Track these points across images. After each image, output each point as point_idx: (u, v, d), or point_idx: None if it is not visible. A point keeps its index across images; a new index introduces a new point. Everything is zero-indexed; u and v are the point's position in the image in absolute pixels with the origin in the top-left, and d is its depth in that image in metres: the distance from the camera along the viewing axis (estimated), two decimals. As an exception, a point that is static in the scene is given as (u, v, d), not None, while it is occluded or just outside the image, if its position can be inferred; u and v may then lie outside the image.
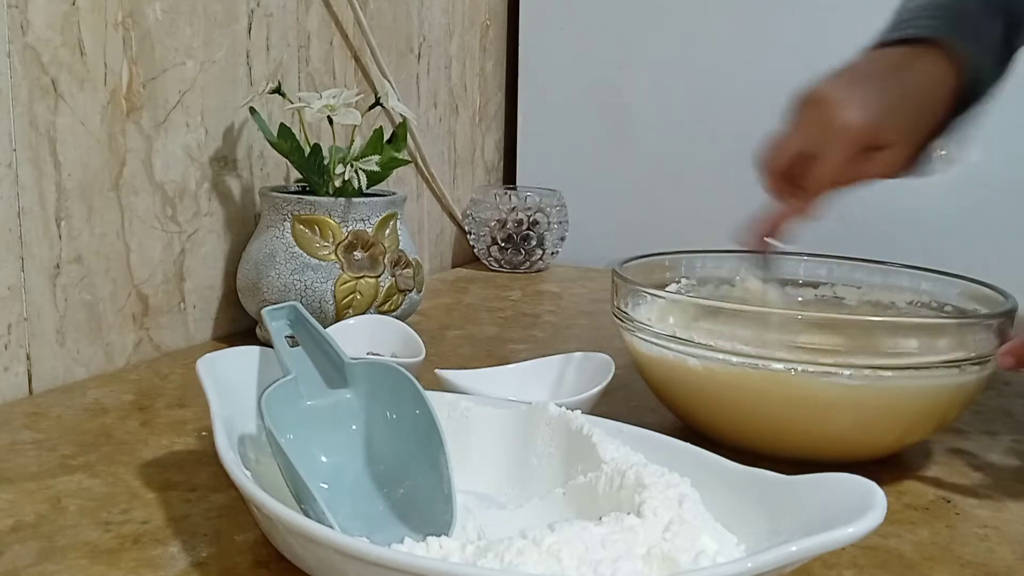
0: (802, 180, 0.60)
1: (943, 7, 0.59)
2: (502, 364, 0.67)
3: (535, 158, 1.35)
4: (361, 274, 0.76)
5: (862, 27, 0.69)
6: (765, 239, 0.62)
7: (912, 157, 0.59)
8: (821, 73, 0.60)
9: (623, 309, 0.62)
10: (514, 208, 1.21)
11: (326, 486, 0.47)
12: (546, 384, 0.65)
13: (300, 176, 0.81)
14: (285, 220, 0.76)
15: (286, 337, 0.53)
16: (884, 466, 0.57)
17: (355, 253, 0.76)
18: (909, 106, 0.57)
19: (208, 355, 0.52)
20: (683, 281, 0.73)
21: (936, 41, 0.57)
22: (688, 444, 0.47)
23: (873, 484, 0.37)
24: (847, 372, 0.53)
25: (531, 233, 1.21)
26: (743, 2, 1.18)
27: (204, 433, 0.60)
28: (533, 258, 1.23)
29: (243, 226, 0.86)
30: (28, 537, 0.45)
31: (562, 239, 1.24)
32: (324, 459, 0.48)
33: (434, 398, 0.49)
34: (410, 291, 0.80)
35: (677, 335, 0.57)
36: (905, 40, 0.58)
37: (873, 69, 0.58)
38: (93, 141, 0.70)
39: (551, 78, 1.31)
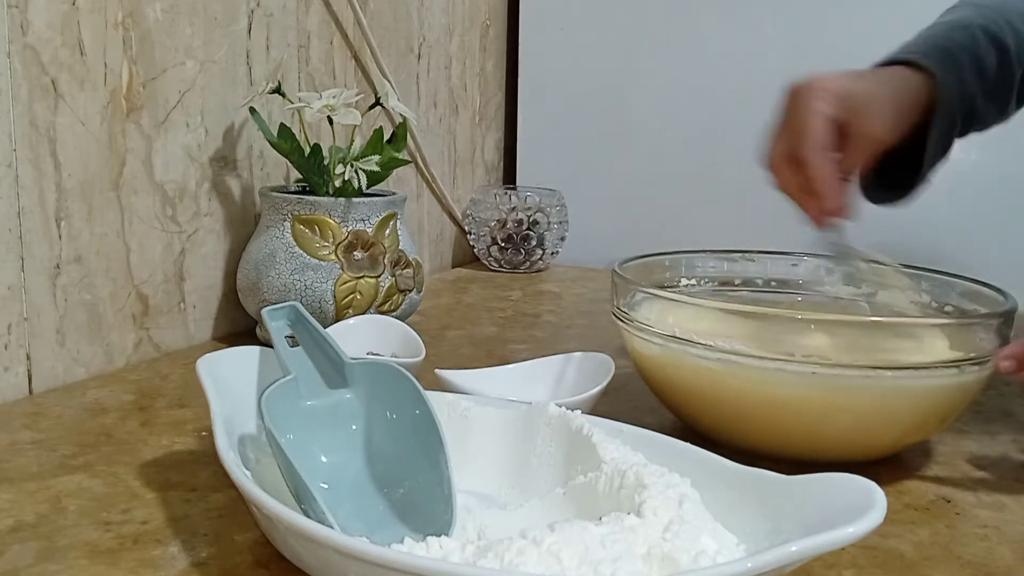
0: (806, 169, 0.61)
1: (935, 47, 0.63)
2: (502, 364, 0.67)
3: (535, 158, 1.35)
4: (361, 274, 0.76)
5: (861, 28, 0.69)
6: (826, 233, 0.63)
7: (894, 136, 0.61)
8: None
9: (623, 309, 0.62)
10: (514, 208, 1.21)
11: (326, 486, 0.47)
12: (546, 384, 0.65)
13: (300, 176, 0.81)
14: (285, 220, 0.76)
15: (286, 337, 0.53)
16: (884, 466, 0.57)
17: (355, 253, 0.76)
18: (883, 91, 0.60)
19: (208, 355, 0.52)
20: (683, 281, 0.73)
21: (914, 62, 0.62)
22: (688, 444, 0.47)
23: (873, 484, 0.37)
24: (847, 372, 0.52)
25: (531, 233, 1.21)
26: (743, 3, 1.18)
27: (204, 433, 0.60)
28: (533, 258, 1.23)
29: (243, 226, 0.86)
30: (28, 537, 0.45)
31: (562, 239, 1.24)
32: (324, 459, 0.48)
33: (434, 398, 0.49)
34: (410, 291, 0.80)
35: (677, 335, 0.57)
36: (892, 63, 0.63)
37: (857, 71, 0.62)
38: (93, 141, 0.70)
39: (551, 78, 1.31)
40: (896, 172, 0.64)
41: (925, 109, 0.62)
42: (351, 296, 0.76)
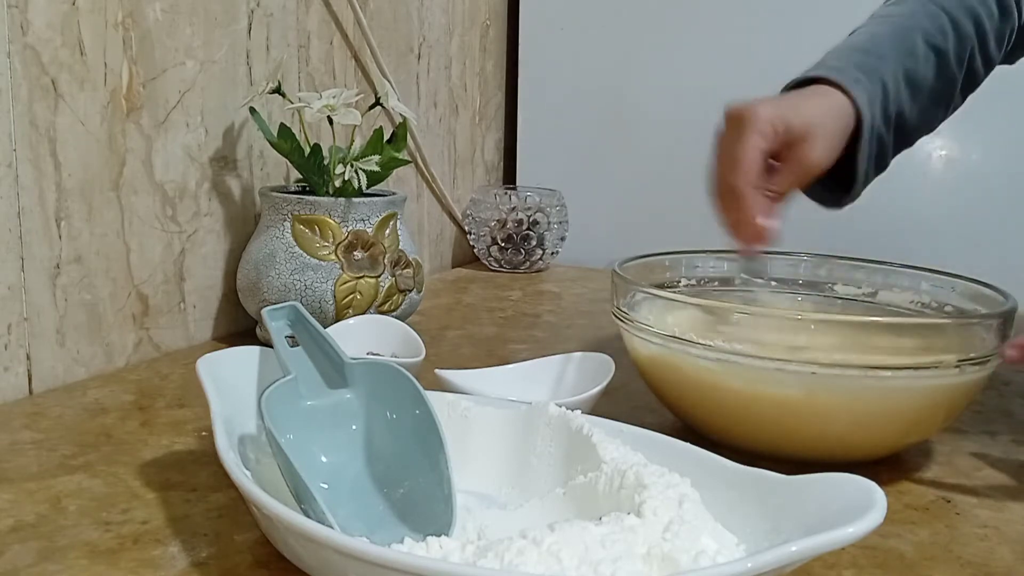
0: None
1: (863, 67, 0.63)
2: (502, 364, 0.67)
3: (535, 158, 1.35)
4: (361, 274, 0.76)
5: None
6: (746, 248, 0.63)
7: (825, 158, 0.61)
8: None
9: (623, 309, 0.62)
10: (514, 208, 1.21)
11: (326, 486, 0.47)
12: (546, 384, 0.65)
13: (300, 176, 0.81)
14: (285, 220, 0.76)
15: (286, 337, 0.53)
16: (884, 466, 0.57)
17: (355, 253, 0.76)
18: (821, 119, 0.60)
19: (208, 355, 0.52)
20: (683, 281, 0.73)
21: (836, 82, 0.61)
22: (688, 444, 0.47)
23: (873, 484, 0.37)
24: (847, 372, 0.52)
25: (531, 233, 1.21)
26: (743, 3, 1.18)
27: (204, 433, 0.60)
28: (533, 258, 1.23)
29: (243, 226, 0.86)
30: (28, 537, 0.45)
31: (562, 239, 1.24)
32: (324, 459, 0.48)
33: (434, 398, 0.49)
34: (410, 291, 0.80)
35: (677, 335, 0.57)
36: (810, 81, 0.63)
37: (791, 96, 0.62)
38: (93, 141, 0.70)
39: (551, 78, 1.31)
40: (834, 177, 0.64)
41: (856, 128, 0.62)
42: (351, 296, 0.76)
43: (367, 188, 0.79)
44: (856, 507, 0.35)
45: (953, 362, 0.53)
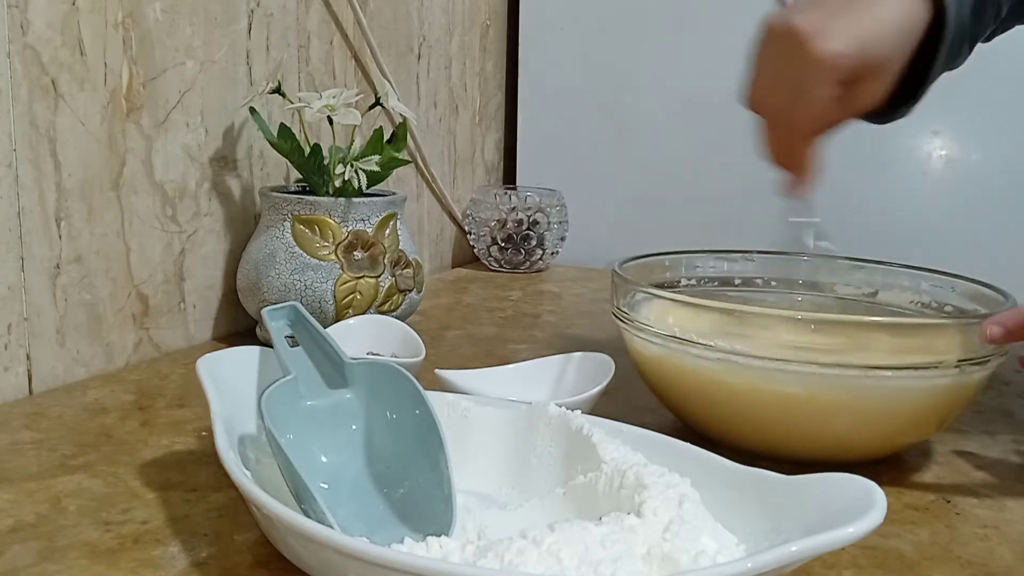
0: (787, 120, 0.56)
1: None
2: (502, 364, 0.67)
3: (535, 158, 1.35)
4: (361, 274, 0.76)
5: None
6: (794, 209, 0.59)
7: (887, 90, 0.55)
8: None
9: (623, 309, 0.62)
10: (514, 208, 1.21)
11: (326, 486, 0.47)
12: (546, 384, 0.65)
13: (300, 176, 0.81)
14: (285, 220, 0.76)
15: (286, 337, 0.53)
16: (884, 466, 0.57)
17: (355, 253, 0.76)
18: (892, 22, 0.53)
19: (208, 355, 0.52)
20: (683, 281, 0.73)
21: None
22: (688, 444, 0.47)
23: (873, 484, 0.37)
24: (847, 372, 0.52)
25: (531, 233, 1.21)
26: (743, 3, 1.18)
27: (204, 433, 0.60)
28: (533, 258, 1.23)
29: (243, 226, 0.86)
30: (28, 537, 0.45)
31: (562, 239, 1.24)
32: (324, 459, 0.48)
33: (434, 398, 0.49)
34: (410, 291, 0.80)
35: (677, 335, 0.57)
36: None
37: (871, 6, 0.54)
38: (93, 141, 0.70)
39: (551, 78, 1.32)
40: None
41: (926, 31, 0.54)
42: (351, 296, 0.76)
43: (367, 188, 0.79)
44: (856, 507, 0.35)
45: (953, 362, 0.53)
